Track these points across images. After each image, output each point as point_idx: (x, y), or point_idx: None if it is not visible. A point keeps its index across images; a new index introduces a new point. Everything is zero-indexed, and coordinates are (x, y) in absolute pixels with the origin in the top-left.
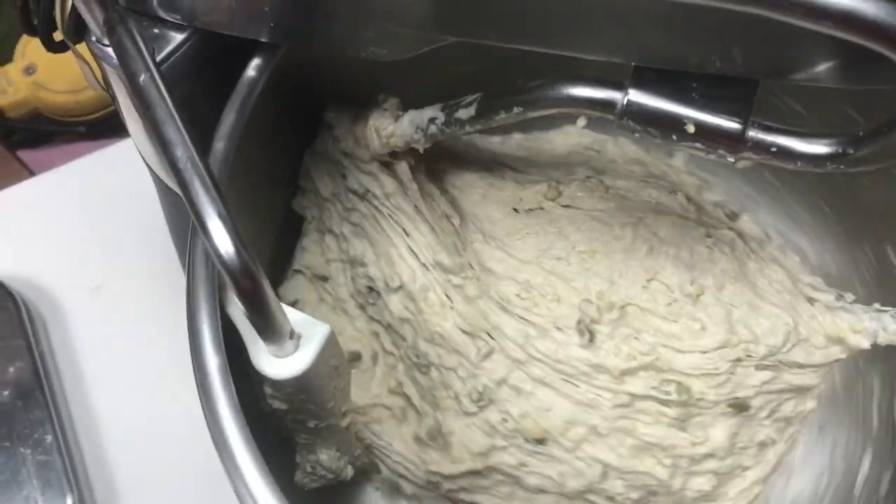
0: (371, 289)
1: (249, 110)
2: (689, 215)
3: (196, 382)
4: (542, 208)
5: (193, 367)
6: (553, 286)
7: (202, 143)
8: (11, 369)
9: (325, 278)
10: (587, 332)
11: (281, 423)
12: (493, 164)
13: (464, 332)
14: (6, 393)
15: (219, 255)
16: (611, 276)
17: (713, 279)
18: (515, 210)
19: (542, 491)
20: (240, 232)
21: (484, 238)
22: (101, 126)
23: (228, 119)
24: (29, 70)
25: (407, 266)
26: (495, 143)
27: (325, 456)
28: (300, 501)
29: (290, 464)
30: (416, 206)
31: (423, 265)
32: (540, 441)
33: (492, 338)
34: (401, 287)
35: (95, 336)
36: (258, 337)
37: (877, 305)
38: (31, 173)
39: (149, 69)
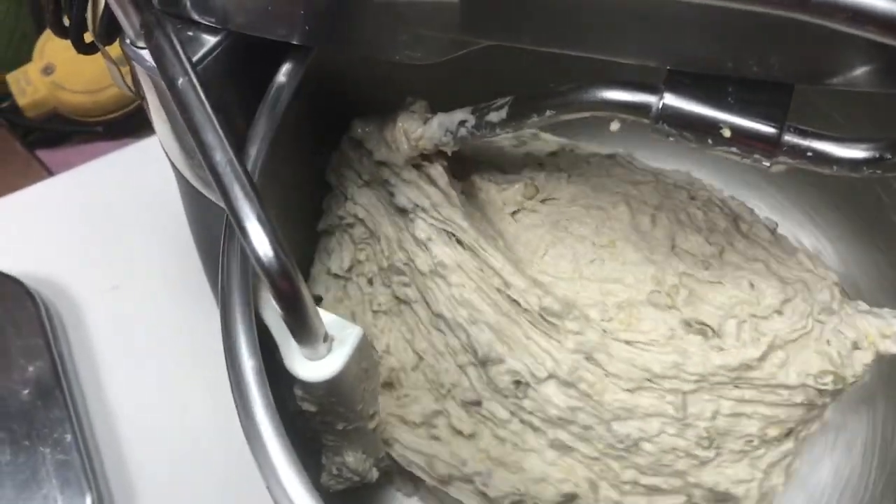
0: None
1: (280, 115)
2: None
3: (230, 384)
4: (524, 208)
5: (228, 368)
6: (614, 293)
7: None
8: (31, 368)
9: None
10: (705, 330)
11: (308, 425)
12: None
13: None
14: (26, 392)
15: (257, 258)
16: (645, 258)
17: (723, 237)
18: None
19: None
20: (279, 234)
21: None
22: (119, 126)
23: (260, 124)
24: (47, 70)
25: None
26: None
27: (352, 458)
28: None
29: (314, 466)
30: (464, 215)
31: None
32: None
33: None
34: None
35: (114, 335)
36: (292, 339)
37: (887, 309)
38: (50, 173)
39: (187, 73)
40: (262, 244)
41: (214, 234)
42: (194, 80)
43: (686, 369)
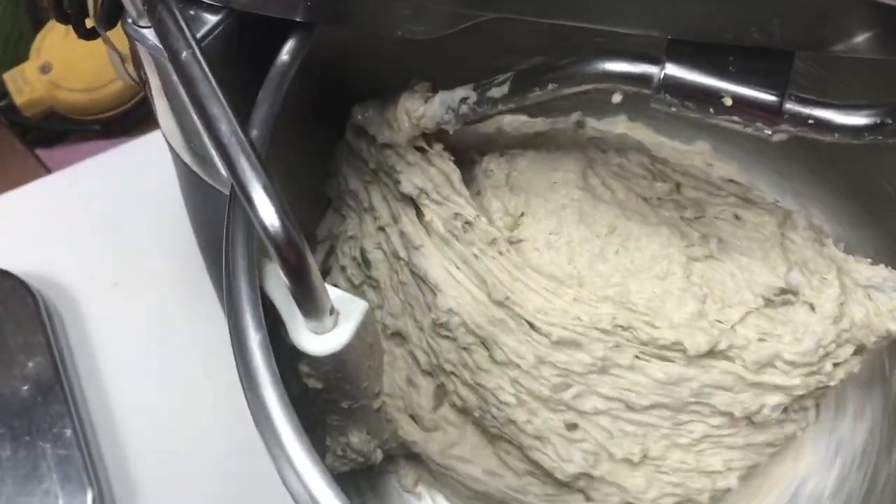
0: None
1: (283, 95)
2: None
3: (236, 360)
4: None
5: (233, 345)
6: (639, 281)
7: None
8: (31, 364)
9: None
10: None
11: (313, 405)
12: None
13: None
14: (26, 388)
15: (264, 228)
16: (650, 236)
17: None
18: None
19: None
20: (285, 205)
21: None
22: (116, 124)
23: (264, 103)
24: (44, 69)
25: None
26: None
27: (357, 439)
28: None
29: (319, 449)
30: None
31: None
32: None
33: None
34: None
35: (113, 332)
36: (297, 313)
37: None
38: (48, 171)
39: (190, 46)
40: (269, 214)
41: (215, 224)
42: (198, 53)
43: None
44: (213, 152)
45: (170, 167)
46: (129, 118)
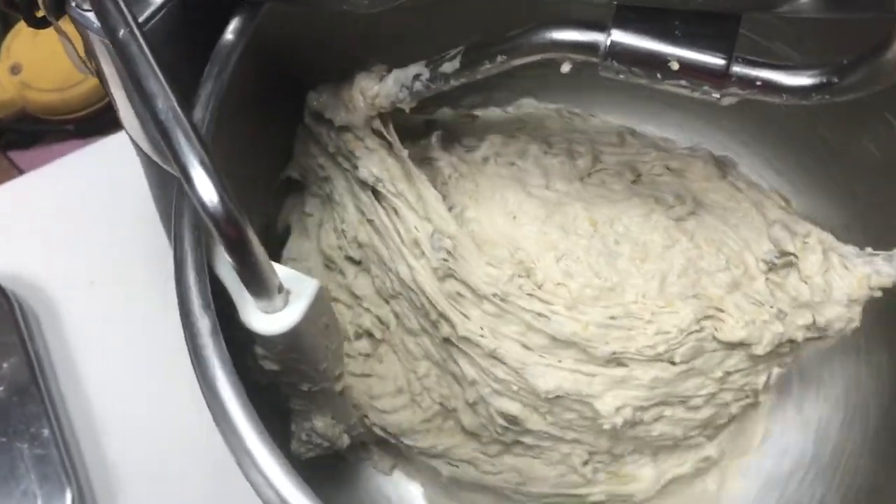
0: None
1: (228, 77)
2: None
3: (187, 344)
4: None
5: (184, 331)
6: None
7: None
8: (5, 365)
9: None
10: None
11: (275, 390)
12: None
13: None
14: (1, 389)
15: (202, 203)
16: (630, 214)
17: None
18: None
19: None
20: (224, 181)
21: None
22: (89, 124)
23: (207, 83)
24: (14, 69)
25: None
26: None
27: (321, 423)
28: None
29: (285, 437)
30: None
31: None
32: None
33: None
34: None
35: (90, 330)
36: (246, 293)
37: (869, 250)
38: (21, 172)
39: (128, 24)
40: (206, 190)
41: None
42: (135, 30)
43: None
44: (154, 132)
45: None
46: (102, 117)
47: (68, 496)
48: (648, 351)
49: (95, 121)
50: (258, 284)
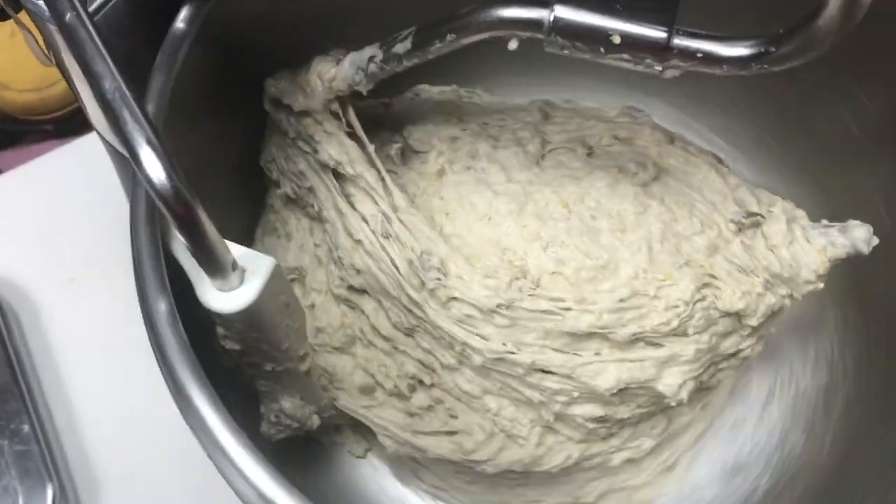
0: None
1: (179, 65)
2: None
3: (146, 326)
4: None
5: (142, 314)
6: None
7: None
8: None
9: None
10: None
11: (242, 373)
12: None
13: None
14: None
15: (150, 182)
16: (598, 187)
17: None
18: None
19: None
20: (173, 160)
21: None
22: (67, 124)
23: (159, 72)
24: None
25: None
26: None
27: (289, 404)
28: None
29: (257, 420)
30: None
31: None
32: None
33: None
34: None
35: (70, 327)
36: (203, 272)
37: (824, 221)
38: (0, 173)
39: (74, 7)
40: (154, 169)
41: None
42: (81, 14)
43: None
44: (102, 114)
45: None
46: (80, 117)
47: (49, 491)
48: (664, 328)
49: (73, 120)
50: (211, 262)
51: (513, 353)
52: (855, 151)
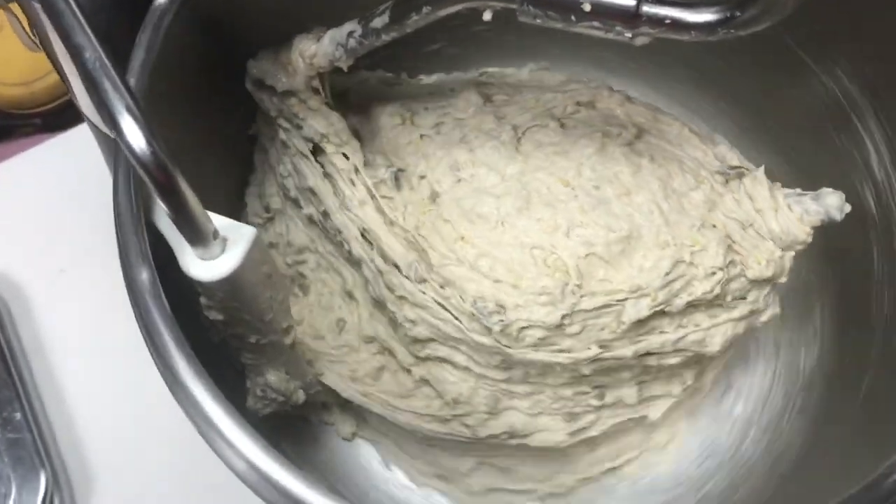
0: None
1: (160, 42)
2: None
3: (129, 298)
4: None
5: (126, 286)
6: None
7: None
8: None
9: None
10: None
11: (229, 347)
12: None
13: None
14: None
15: (131, 150)
16: (588, 154)
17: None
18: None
19: None
20: (153, 129)
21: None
22: (57, 118)
23: (140, 48)
24: None
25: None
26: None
27: (274, 377)
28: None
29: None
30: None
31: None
32: None
33: None
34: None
35: (61, 317)
36: (184, 241)
37: (798, 190)
38: None
39: None
40: (135, 137)
41: None
42: None
43: None
44: (82, 84)
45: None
46: (69, 112)
47: (42, 478)
48: (708, 296)
49: (62, 115)
50: (192, 230)
51: (607, 348)
52: (829, 128)
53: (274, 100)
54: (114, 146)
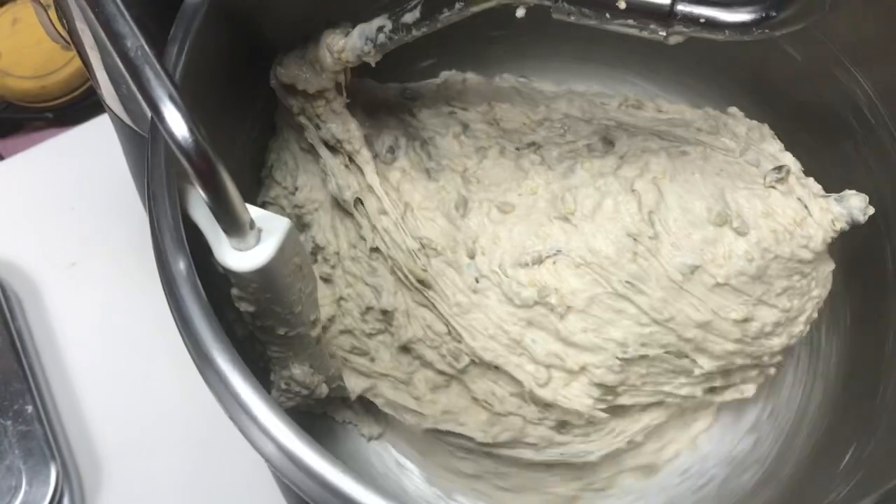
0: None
1: (193, 37)
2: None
3: (164, 293)
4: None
5: (161, 279)
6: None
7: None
8: None
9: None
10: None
11: (254, 342)
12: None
13: None
14: None
15: (174, 138)
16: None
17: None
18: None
19: None
20: (195, 117)
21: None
22: (68, 111)
23: (171, 49)
24: None
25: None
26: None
27: (299, 371)
28: None
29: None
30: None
31: None
32: None
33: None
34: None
35: (72, 310)
36: (220, 231)
37: (821, 190)
38: (2, 159)
39: None
40: (178, 125)
41: None
42: None
43: None
44: (124, 72)
45: (120, 146)
46: (81, 105)
47: (53, 471)
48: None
49: (74, 109)
50: (230, 220)
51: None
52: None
53: (299, 97)
54: (137, 137)
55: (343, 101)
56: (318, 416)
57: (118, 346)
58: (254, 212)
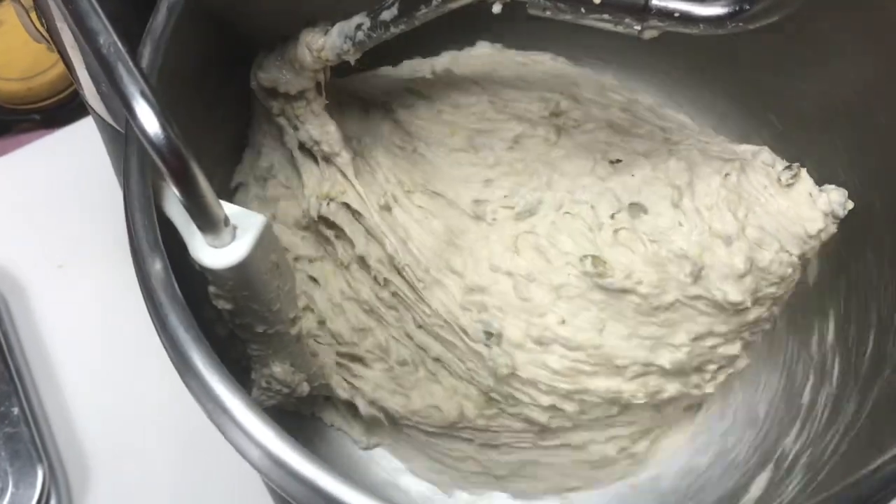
0: None
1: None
2: None
3: (142, 293)
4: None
5: (138, 279)
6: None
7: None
8: None
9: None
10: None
11: (235, 344)
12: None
13: None
14: None
15: (145, 135)
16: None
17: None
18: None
19: None
20: (167, 114)
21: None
22: (55, 113)
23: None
24: None
25: None
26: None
27: (279, 369)
28: None
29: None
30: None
31: None
32: None
33: None
34: None
35: (59, 311)
36: (195, 228)
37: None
38: None
39: None
40: (149, 121)
41: None
42: None
43: None
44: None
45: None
46: (68, 107)
47: (39, 473)
48: None
49: (61, 110)
50: (204, 216)
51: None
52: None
53: (280, 100)
54: (121, 136)
55: (322, 102)
56: (308, 419)
57: (105, 348)
58: (229, 209)
